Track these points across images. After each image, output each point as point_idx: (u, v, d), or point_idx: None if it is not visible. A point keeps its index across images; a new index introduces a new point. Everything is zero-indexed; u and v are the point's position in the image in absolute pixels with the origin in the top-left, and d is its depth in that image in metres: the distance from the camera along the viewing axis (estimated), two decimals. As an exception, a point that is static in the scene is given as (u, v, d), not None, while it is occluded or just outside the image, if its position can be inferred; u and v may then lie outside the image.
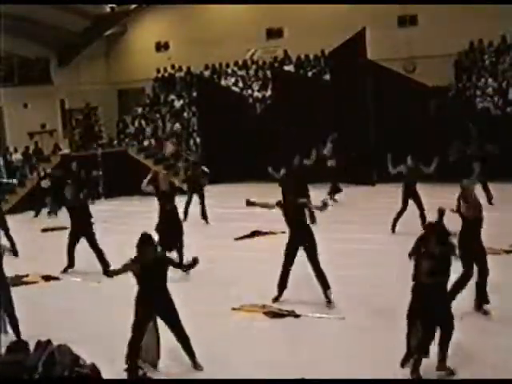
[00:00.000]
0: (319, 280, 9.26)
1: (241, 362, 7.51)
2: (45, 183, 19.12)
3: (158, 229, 11.25)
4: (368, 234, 13.10)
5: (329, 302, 9.21)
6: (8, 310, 8.39)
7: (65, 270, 12.03)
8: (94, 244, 11.83)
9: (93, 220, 12.16)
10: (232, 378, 6.98)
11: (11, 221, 17.60)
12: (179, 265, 7.96)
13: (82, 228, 11.91)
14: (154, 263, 7.15)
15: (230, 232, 14.43)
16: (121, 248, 13.41)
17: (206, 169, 18.56)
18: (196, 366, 7.36)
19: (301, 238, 9.30)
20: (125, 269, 7.20)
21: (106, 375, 6.45)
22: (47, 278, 11.75)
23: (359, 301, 9.27)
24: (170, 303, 7.29)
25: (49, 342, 6.36)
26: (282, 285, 9.48)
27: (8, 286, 8.58)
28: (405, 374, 6.77)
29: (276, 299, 9.46)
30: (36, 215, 18.67)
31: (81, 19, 27.81)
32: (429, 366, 6.78)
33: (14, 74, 26.75)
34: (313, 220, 12.53)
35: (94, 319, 9.29)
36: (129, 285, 7.52)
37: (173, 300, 7.31)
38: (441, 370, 6.73)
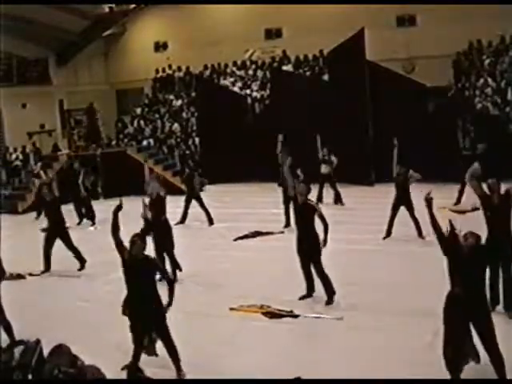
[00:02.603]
0: (324, 285, 9.35)
1: (239, 362, 7.52)
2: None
3: None
4: (367, 234, 13.11)
5: (329, 302, 9.29)
6: None
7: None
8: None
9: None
10: (231, 378, 6.99)
11: (11, 221, 17.67)
12: (164, 271, 7.66)
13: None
14: (141, 263, 7.10)
15: (229, 232, 14.43)
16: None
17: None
18: (180, 373, 7.19)
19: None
20: (117, 240, 7.15)
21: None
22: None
23: (358, 301, 9.27)
24: (158, 313, 7.10)
25: (38, 341, 6.35)
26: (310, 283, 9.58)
27: None
28: (404, 374, 6.78)
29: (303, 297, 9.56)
30: (38, 217, 18.59)
31: (79, 19, 27.76)
32: (432, 364, 6.79)
33: (13, 74, 26.70)
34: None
35: (94, 319, 9.29)
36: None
37: (163, 309, 7.12)
38: None
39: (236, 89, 24.86)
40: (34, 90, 27.16)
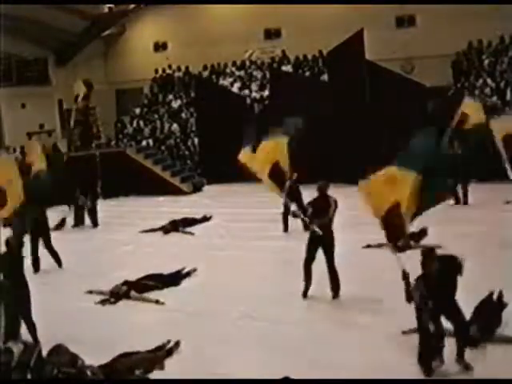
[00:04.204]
0: (332, 280, 9.47)
1: (239, 362, 7.52)
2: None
3: None
4: (365, 234, 13.08)
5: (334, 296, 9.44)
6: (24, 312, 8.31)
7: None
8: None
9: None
10: (231, 378, 6.99)
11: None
12: None
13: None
14: None
15: (229, 232, 14.43)
16: (119, 247, 13.50)
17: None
18: None
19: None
20: None
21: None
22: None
23: (358, 301, 9.28)
24: None
25: (37, 342, 6.35)
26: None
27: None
28: (403, 374, 6.78)
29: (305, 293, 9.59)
30: None
31: (79, 19, 27.75)
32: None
33: (12, 74, 26.69)
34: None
35: (93, 319, 9.30)
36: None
37: None
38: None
39: (235, 89, 24.85)
40: (33, 90, 27.15)
